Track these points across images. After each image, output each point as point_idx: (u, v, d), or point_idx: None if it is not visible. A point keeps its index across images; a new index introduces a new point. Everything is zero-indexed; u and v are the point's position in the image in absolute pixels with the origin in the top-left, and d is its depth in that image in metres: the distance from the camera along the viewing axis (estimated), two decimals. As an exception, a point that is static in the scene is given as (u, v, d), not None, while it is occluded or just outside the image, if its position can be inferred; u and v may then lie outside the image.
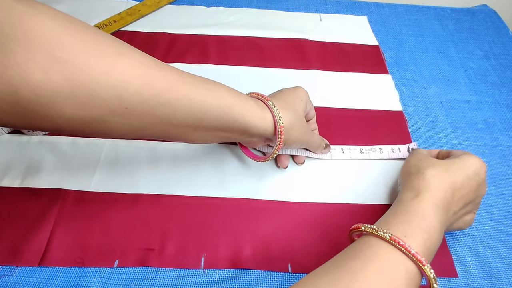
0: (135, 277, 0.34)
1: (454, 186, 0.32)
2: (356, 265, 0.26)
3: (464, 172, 0.33)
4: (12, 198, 0.38)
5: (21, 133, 0.43)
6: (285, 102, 0.36)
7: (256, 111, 0.34)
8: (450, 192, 0.32)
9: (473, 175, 0.33)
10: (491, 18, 0.65)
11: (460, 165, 0.34)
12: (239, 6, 0.62)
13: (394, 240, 0.27)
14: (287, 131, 0.35)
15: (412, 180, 0.33)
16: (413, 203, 0.31)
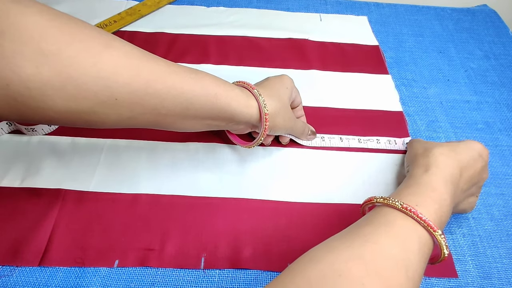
0: (135, 277, 0.34)
1: (461, 164, 0.33)
2: (368, 230, 0.27)
3: (469, 153, 0.34)
4: (12, 198, 0.38)
5: (21, 133, 0.43)
6: (271, 90, 0.37)
7: (242, 99, 0.35)
8: (458, 169, 0.33)
9: (478, 156, 0.34)
10: (491, 18, 0.65)
11: (465, 146, 0.35)
12: (239, 6, 0.62)
13: (405, 208, 0.27)
14: (272, 118, 0.36)
15: (420, 159, 0.34)
16: (423, 177, 0.32)
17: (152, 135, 0.44)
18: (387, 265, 0.25)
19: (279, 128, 0.38)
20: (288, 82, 0.40)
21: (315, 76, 0.53)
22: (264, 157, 0.43)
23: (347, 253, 0.25)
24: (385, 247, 0.26)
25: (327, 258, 0.25)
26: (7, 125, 0.43)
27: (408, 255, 0.26)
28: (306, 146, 0.44)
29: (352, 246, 0.25)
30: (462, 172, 0.33)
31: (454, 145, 0.35)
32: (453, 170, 0.32)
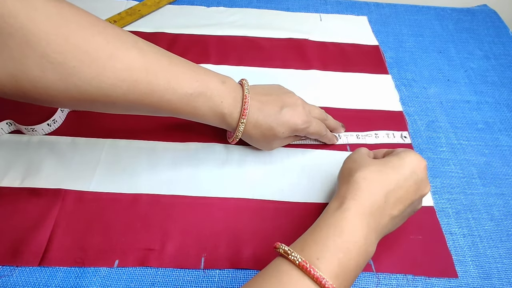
0: (135, 277, 0.34)
1: (388, 188, 0.30)
2: (262, 283, 0.26)
3: (399, 171, 0.31)
4: (12, 198, 0.38)
5: (21, 133, 0.43)
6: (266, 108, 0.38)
7: (225, 121, 0.38)
8: (383, 195, 0.30)
9: (410, 174, 0.31)
10: (491, 18, 0.65)
11: (395, 164, 0.31)
12: (239, 6, 0.62)
13: (303, 266, 0.26)
14: (243, 139, 0.40)
15: (341, 186, 0.32)
16: (335, 215, 0.29)
17: (152, 135, 0.44)
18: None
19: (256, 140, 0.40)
20: (292, 127, 0.39)
21: (315, 76, 0.53)
22: (264, 157, 0.43)
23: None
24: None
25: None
26: (7, 125, 0.43)
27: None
28: (307, 146, 0.44)
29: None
30: (388, 197, 0.30)
31: (382, 163, 0.32)
32: (376, 197, 0.29)
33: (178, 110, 0.35)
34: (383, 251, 0.37)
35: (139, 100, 0.32)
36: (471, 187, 0.43)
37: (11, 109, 0.44)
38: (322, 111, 0.43)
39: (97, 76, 0.29)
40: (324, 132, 0.42)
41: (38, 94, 0.29)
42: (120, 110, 0.34)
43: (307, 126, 0.39)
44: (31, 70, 0.27)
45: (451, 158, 0.45)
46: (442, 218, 0.40)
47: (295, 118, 0.39)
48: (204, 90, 0.35)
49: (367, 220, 0.29)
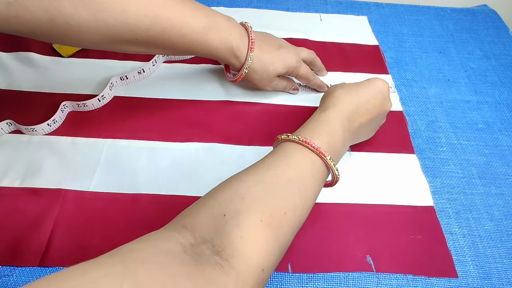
0: (135, 277, 0.34)
1: (360, 101, 0.38)
2: (270, 161, 0.32)
3: (369, 90, 0.39)
4: (12, 198, 0.38)
5: (21, 133, 0.43)
6: (267, 54, 0.44)
7: (235, 54, 0.42)
8: (355, 105, 0.37)
9: (377, 92, 0.39)
10: (491, 18, 0.65)
11: (365, 84, 0.39)
12: (239, 6, 0.62)
13: (302, 140, 0.33)
14: (248, 76, 0.45)
15: (324, 100, 0.39)
16: (321, 115, 0.36)
17: (152, 135, 0.44)
18: (283, 187, 0.30)
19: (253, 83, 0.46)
20: (287, 65, 0.45)
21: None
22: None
23: (251, 180, 0.30)
24: (283, 172, 0.31)
25: (234, 185, 0.30)
26: (7, 125, 0.43)
27: (301, 178, 0.31)
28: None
29: (256, 174, 0.31)
30: (359, 107, 0.37)
31: (356, 85, 0.39)
32: (349, 107, 0.37)
33: (193, 44, 0.39)
34: (383, 251, 0.37)
35: (159, 35, 0.37)
36: (471, 187, 0.43)
37: (11, 109, 0.44)
38: (311, 51, 0.50)
39: (123, 12, 0.33)
40: (312, 77, 0.48)
41: (71, 32, 0.33)
42: (142, 48, 0.38)
43: (299, 66, 0.46)
44: (65, 8, 0.31)
45: (451, 158, 0.45)
46: (442, 218, 0.40)
47: (291, 56, 0.45)
48: (214, 24, 0.40)
49: (343, 121, 0.36)
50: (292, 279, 0.35)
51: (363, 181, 0.42)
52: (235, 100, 0.48)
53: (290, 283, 0.35)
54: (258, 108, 0.48)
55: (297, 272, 0.35)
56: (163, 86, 0.49)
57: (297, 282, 0.35)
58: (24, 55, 0.51)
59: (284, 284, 0.35)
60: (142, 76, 0.49)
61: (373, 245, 0.37)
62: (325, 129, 0.35)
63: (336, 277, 0.35)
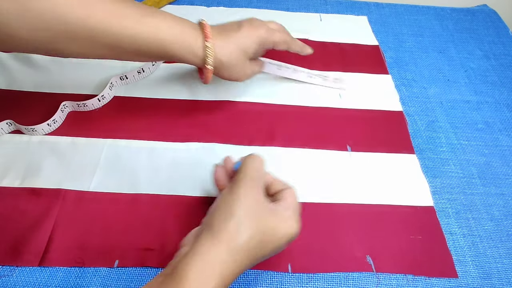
0: (135, 277, 0.34)
1: (258, 259, 0.29)
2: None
3: (277, 243, 0.29)
4: (12, 198, 0.38)
5: (21, 133, 0.43)
6: (228, 40, 0.40)
7: (189, 50, 0.38)
8: (250, 260, 0.28)
9: (286, 243, 0.30)
10: (491, 18, 0.65)
11: (276, 233, 0.29)
12: (239, 6, 0.62)
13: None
14: (217, 70, 0.40)
15: (206, 242, 0.27)
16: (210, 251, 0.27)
17: (152, 135, 0.44)
18: None
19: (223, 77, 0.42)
20: (257, 38, 0.41)
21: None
22: (264, 157, 0.43)
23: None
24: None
25: None
26: (7, 125, 0.43)
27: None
28: (307, 146, 0.44)
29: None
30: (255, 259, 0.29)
31: (264, 228, 0.29)
32: (242, 260, 0.27)
33: (143, 40, 0.36)
34: (383, 251, 0.37)
35: (98, 27, 0.34)
36: (471, 187, 0.43)
37: (11, 109, 0.44)
38: (279, 24, 0.45)
39: (49, 0, 0.31)
40: (290, 38, 0.44)
41: None
42: (83, 44, 0.35)
43: (271, 34, 0.42)
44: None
45: (451, 158, 0.45)
46: (442, 218, 0.40)
47: (257, 29, 0.41)
48: (163, 21, 0.37)
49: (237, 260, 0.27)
50: (292, 279, 0.35)
51: (363, 181, 0.42)
52: (235, 100, 0.48)
53: (290, 283, 0.35)
54: (258, 108, 0.48)
55: (297, 272, 0.35)
56: (163, 86, 0.49)
57: (297, 282, 0.35)
58: (24, 55, 0.51)
59: (284, 284, 0.35)
60: (142, 76, 0.49)
61: (373, 245, 0.37)
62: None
63: (336, 277, 0.35)
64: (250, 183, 0.30)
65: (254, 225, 0.28)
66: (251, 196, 0.29)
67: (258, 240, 0.28)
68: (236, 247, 0.27)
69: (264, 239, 0.28)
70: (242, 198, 0.29)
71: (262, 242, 0.28)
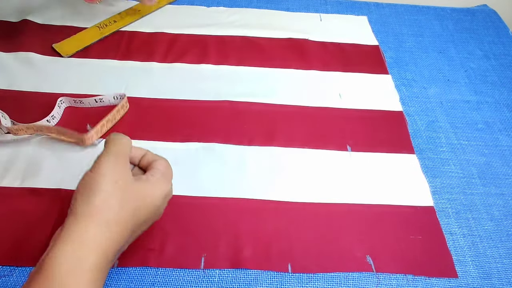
0: (135, 277, 0.34)
1: (133, 228, 0.29)
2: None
3: (151, 206, 0.30)
4: (12, 198, 0.38)
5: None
6: None
7: None
8: (123, 236, 0.28)
9: (161, 204, 0.31)
10: (491, 18, 0.65)
11: (148, 198, 0.30)
12: (239, 6, 0.62)
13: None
14: None
15: (70, 225, 0.27)
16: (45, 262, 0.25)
17: (152, 135, 0.44)
18: None
19: None
20: None
21: (315, 76, 0.53)
22: (264, 157, 0.43)
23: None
24: None
25: None
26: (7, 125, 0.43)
27: None
28: (307, 146, 0.44)
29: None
30: (128, 232, 0.28)
31: (135, 199, 0.29)
32: (113, 236, 0.27)
33: None
34: (383, 251, 0.37)
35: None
36: (471, 187, 0.43)
37: (11, 110, 0.44)
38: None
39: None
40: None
41: None
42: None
43: None
44: None
45: (451, 158, 0.45)
46: (442, 218, 0.40)
47: None
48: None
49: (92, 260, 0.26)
50: (292, 279, 0.35)
51: (363, 181, 0.42)
52: (235, 100, 0.48)
53: (290, 283, 0.35)
54: (258, 108, 0.48)
55: (297, 272, 0.35)
56: (163, 86, 0.49)
57: (297, 282, 0.35)
58: (24, 55, 0.51)
59: (284, 284, 0.35)
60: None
61: (373, 245, 0.37)
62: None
63: (336, 277, 0.35)
64: (114, 158, 0.30)
65: (124, 196, 0.28)
66: (116, 170, 0.29)
67: (131, 208, 0.28)
68: (109, 219, 0.27)
69: (138, 206, 0.29)
70: (107, 173, 0.28)
71: (136, 209, 0.29)
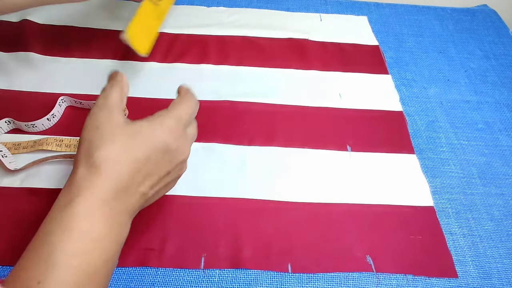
0: (135, 277, 0.34)
1: (138, 165, 0.26)
2: None
3: (149, 144, 0.27)
4: (12, 198, 0.38)
5: (20, 132, 0.43)
6: None
7: None
8: (131, 173, 0.26)
9: (162, 145, 0.27)
10: (491, 18, 0.65)
11: (146, 134, 0.27)
12: (239, 6, 0.62)
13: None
14: None
15: (77, 166, 0.25)
16: (62, 215, 0.24)
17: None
18: None
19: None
20: None
21: (315, 76, 0.53)
22: (264, 157, 0.43)
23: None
24: None
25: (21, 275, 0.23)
26: (6, 124, 0.43)
27: None
28: (307, 146, 0.44)
29: None
30: (136, 174, 0.26)
31: (132, 135, 0.27)
32: (120, 178, 0.25)
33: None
34: (383, 251, 0.37)
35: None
36: (471, 187, 0.43)
37: (9, 107, 0.44)
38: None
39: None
40: None
41: None
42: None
43: None
44: None
45: (451, 158, 0.45)
46: (442, 218, 0.40)
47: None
48: None
49: (109, 206, 0.25)
50: (292, 279, 0.35)
51: (363, 181, 0.42)
52: (235, 100, 0.48)
53: (290, 283, 0.35)
54: (258, 108, 0.48)
55: (297, 272, 0.35)
56: (163, 86, 0.49)
57: (297, 282, 0.35)
58: (24, 55, 0.51)
59: (284, 284, 0.35)
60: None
61: (373, 245, 0.37)
62: (69, 248, 0.23)
63: (336, 277, 0.35)
64: (103, 112, 0.27)
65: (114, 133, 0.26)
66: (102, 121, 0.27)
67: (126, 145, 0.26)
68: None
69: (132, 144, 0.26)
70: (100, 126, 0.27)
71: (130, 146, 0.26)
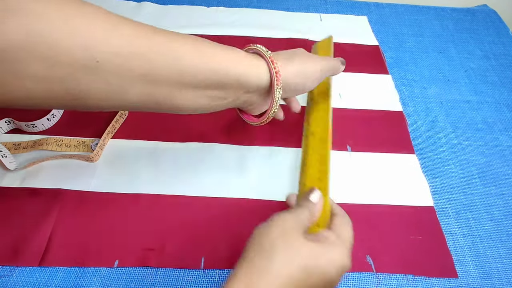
0: (135, 277, 0.34)
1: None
2: None
3: (326, 276, 0.27)
4: (12, 198, 0.38)
5: (20, 132, 0.43)
6: (286, 53, 0.35)
7: (246, 59, 0.32)
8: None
9: (336, 277, 0.27)
10: (491, 18, 0.65)
11: (324, 263, 0.27)
12: (239, 6, 0.62)
13: None
14: (285, 79, 0.33)
15: (253, 260, 0.25)
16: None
17: (153, 135, 0.44)
18: None
19: (295, 88, 0.35)
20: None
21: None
22: (264, 157, 0.43)
23: None
24: None
25: None
26: (6, 124, 0.43)
27: None
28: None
29: None
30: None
31: (312, 258, 0.26)
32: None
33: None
34: (383, 251, 0.37)
35: (125, 47, 0.26)
36: (471, 187, 0.43)
37: (11, 110, 0.44)
38: None
39: (66, 22, 0.24)
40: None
41: (5, 62, 0.23)
42: (110, 77, 0.26)
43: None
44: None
45: (451, 158, 0.45)
46: (442, 218, 0.40)
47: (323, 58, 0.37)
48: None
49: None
50: (292, 279, 0.35)
51: (363, 181, 0.42)
52: (235, 100, 0.48)
53: (290, 283, 0.35)
54: (258, 108, 0.48)
55: (297, 272, 0.35)
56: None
57: (297, 282, 0.35)
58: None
59: (284, 284, 0.35)
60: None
61: (373, 245, 0.37)
62: None
63: (336, 277, 0.35)
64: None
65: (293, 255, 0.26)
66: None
67: (302, 267, 0.26)
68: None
69: (308, 266, 0.26)
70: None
71: (306, 269, 0.26)
